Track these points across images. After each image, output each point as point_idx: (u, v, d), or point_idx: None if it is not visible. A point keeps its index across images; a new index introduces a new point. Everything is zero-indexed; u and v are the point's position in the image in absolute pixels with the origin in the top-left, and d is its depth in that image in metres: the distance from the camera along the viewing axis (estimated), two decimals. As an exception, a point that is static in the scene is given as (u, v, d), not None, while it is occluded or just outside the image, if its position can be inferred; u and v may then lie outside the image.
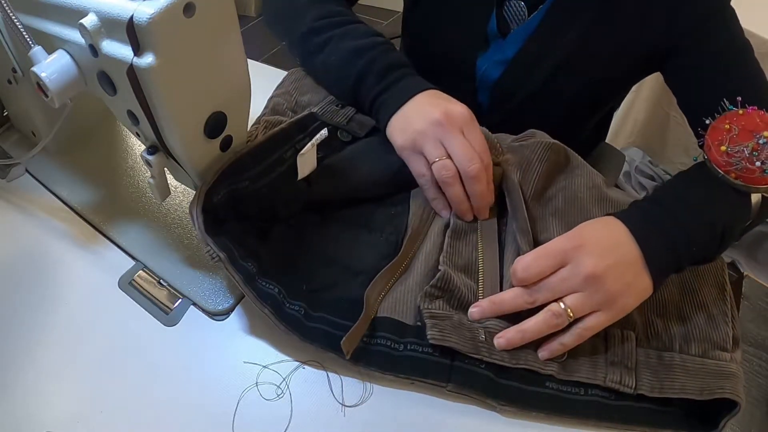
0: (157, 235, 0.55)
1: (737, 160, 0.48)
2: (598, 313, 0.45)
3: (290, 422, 0.43)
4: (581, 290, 0.44)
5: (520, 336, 0.45)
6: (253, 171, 0.49)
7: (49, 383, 0.44)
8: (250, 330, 0.49)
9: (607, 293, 0.44)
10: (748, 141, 0.47)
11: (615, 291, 0.44)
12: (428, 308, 0.46)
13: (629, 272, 0.45)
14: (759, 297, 0.58)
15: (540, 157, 0.56)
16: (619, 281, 0.44)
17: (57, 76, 0.43)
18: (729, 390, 0.43)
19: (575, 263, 0.45)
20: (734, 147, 0.48)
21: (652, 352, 0.47)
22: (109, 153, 0.64)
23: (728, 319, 0.49)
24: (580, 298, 0.44)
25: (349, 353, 0.44)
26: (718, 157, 0.49)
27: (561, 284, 0.45)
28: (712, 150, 0.49)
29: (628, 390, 0.44)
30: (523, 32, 0.67)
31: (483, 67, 0.71)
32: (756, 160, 0.47)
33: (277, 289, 0.46)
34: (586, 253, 0.45)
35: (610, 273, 0.44)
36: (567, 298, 0.44)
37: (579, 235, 0.47)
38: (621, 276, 0.45)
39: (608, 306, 0.44)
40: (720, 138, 0.49)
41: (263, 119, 0.59)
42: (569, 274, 0.45)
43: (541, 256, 0.46)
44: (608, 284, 0.44)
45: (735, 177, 0.48)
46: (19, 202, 0.58)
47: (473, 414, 0.45)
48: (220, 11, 0.39)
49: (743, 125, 0.48)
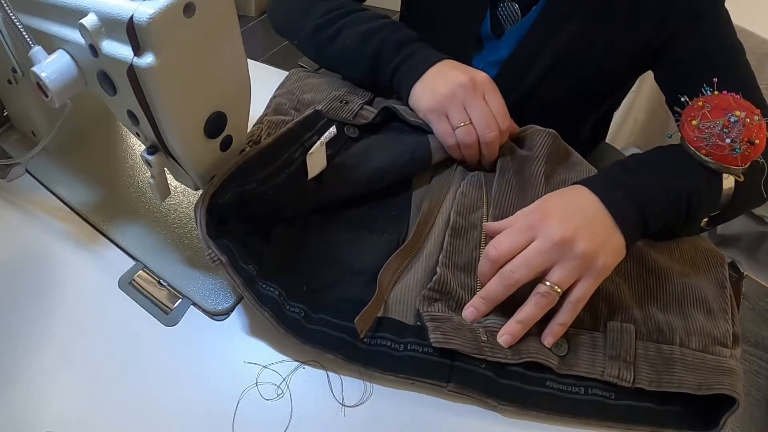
0: (157, 235, 0.55)
1: (708, 136, 0.48)
2: (582, 280, 0.45)
3: (290, 422, 0.43)
4: (557, 260, 0.45)
5: (520, 326, 0.45)
6: (260, 173, 0.49)
7: (49, 383, 0.44)
8: (250, 330, 0.49)
9: (583, 256, 0.44)
10: (720, 118, 0.48)
11: (590, 251, 0.44)
12: (428, 311, 0.46)
13: (599, 231, 0.46)
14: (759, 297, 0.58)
15: (540, 143, 0.57)
16: (592, 241, 0.45)
17: (57, 76, 0.43)
18: (728, 386, 0.43)
19: (544, 233, 0.45)
20: (705, 123, 0.48)
21: (651, 345, 0.47)
22: (109, 153, 0.64)
23: (728, 316, 0.49)
24: (560, 269, 0.45)
25: (363, 332, 0.45)
26: (690, 132, 0.49)
27: (536, 257, 0.45)
28: (685, 126, 0.50)
29: (625, 384, 0.44)
30: (516, 33, 0.67)
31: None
32: (726, 137, 0.47)
33: (277, 291, 0.46)
34: (552, 220, 0.46)
35: (580, 234, 0.45)
36: (549, 275, 0.45)
37: (542, 206, 0.48)
38: (592, 236, 0.45)
39: (588, 269, 0.45)
40: (693, 114, 0.50)
41: (266, 119, 0.59)
42: (541, 245, 0.45)
43: (509, 232, 0.47)
44: (582, 246, 0.44)
45: (705, 153, 0.49)
46: (19, 202, 0.58)
47: (473, 414, 0.45)
48: (220, 11, 0.39)
49: (716, 104, 0.49)
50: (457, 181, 0.57)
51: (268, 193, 0.50)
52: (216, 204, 0.46)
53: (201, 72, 0.40)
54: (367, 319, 0.45)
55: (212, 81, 0.42)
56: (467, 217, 0.53)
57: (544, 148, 0.57)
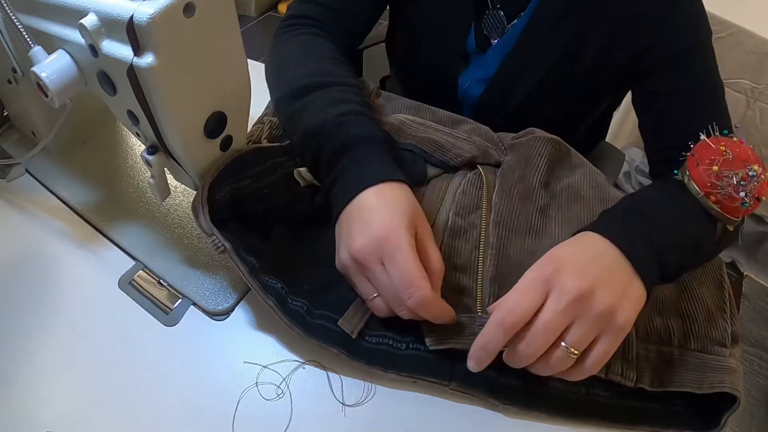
0: (157, 235, 0.55)
1: (724, 185, 0.46)
2: (601, 339, 0.41)
3: (290, 422, 0.43)
4: (575, 318, 0.40)
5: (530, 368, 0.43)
6: (255, 170, 0.49)
7: (49, 383, 0.44)
8: (250, 330, 0.49)
9: (601, 311, 0.40)
10: (740, 169, 0.45)
11: (609, 305, 0.40)
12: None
13: (618, 280, 0.42)
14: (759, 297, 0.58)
15: (539, 152, 0.57)
16: (611, 293, 0.41)
17: (57, 76, 0.43)
18: (728, 384, 0.43)
19: (558, 289, 0.41)
20: (725, 171, 0.46)
21: (651, 347, 0.47)
22: (109, 153, 0.64)
23: (727, 315, 0.49)
24: (578, 330, 0.40)
25: (354, 333, 0.45)
26: (704, 176, 0.46)
27: (553, 321, 0.40)
28: (700, 167, 0.47)
29: (629, 383, 0.44)
30: (501, 48, 0.67)
31: (465, 85, 0.71)
32: (741, 190, 0.45)
33: (280, 284, 0.46)
34: (565, 274, 0.41)
35: (598, 287, 0.40)
36: (566, 336, 0.40)
37: (553, 258, 0.43)
38: (611, 287, 0.41)
39: (607, 325, 0.41)
40: (713, 157, 0.46)
41: (266, 119, 0.59)
42: (556, 304, 0.40)
43: (522, 292, 0.42)
44: (599, 299, 0.40)
45: (714, 201, 0.47)
46: (19, 202, 0.58)
47: (475, 413, 0.45)
48: (220, 11, 0.39)
49: (737, 153, 0.46)
50: (457, 179, 0.57)
51: (264, 191, 0.50)
52: (214, 201, 0.46)
53: (201, 72, 0.40)
54: (353, 320, 0.45)
55: (212, 81, 0.42)
56: (466, 218, 0.53)
57: (545, 158, 0.57)
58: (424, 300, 0.42)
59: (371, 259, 0.43)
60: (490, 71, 0.69)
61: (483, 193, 0.55)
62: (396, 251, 0.43)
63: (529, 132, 0.60)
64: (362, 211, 0.46)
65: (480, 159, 0.58)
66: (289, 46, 0.62)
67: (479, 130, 0.61)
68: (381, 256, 0.43)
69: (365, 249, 0.44)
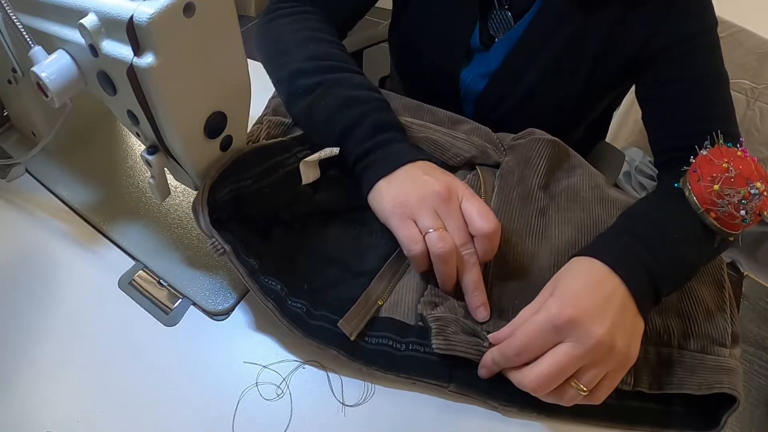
0: (157, 235, 0.55)
1: (724, 204, 0.45)
2: (609, 375, 0.41)
3: (290, 422, 0.43)
4: (591, 363, 0.40)
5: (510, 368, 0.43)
6: (255, 170, 0.49)
7: (49, 383, 0.44)
8: (250, 330, 0.49)
9: (618, 356, 0.41)
10: (742, 187, 0.45)
11: (624, 348, 0.41)
12: (431, 314, 0.46)
13: (628, 321, 0.42)
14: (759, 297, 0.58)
15: (539, 154, 0.57)
16: (626, 336, 0.41)
17: (57, 76, 0.43)
18: (727, 384, 0.43)
19: (576, 337, 0.40)
20: (727, 189, 0.45)
21: (650, 349, 0.47)
22: (109, 153, 0.64)
23: (727, 315, 0.49)
24: (593, 372, 0.40)
25: (353, 335, 0.44)
26: (705, 193, 0.46)
27: (570, 364, 0.40)
28: (701, 183, 0.47)
29: (626, 387, 0.44)
30: (504, 45, 0.67)
31: (467, 80, 0.72)
32: (742, 209, 0.45)
33: (279, 286, 0.46)
34: (583, 323, 0.40)
35: (616, 333, 0.40)
36: (579, 376, 0.40)
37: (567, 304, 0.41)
38: (624, 330, 0.41)
39: (620, 364, 0.42)
40: (715, 175, 0.46)
41: (266, 119, 0.59)
42: (574, 351, 0.40)
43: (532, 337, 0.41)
44: (618, 346, 0.40)
45: (714, 217, 0.46)
46: (19, 202, 0.58)
47: (475, 414, 0.45)
48: (220, 11, 0.39)
49: (741, 169, 0.45)
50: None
51: (264, 191, 0.50)
52: (214, 202, 0.46)
53: (201, 72, 0.40)
54: (353, 321, 0.45)
55: (212, 81, 0.42)
56: None
57: (544, 159, 0.56)
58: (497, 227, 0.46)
59: (454, 195, 0.47)
60: (493, 66, 0.69)
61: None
62: (474, 195, 0.48)
63: (529, 133, 0.60)
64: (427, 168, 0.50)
65: (479, 159, 0.58)
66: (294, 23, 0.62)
67: (479, 131, 0.61)
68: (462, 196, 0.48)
69: (452, 185, 0.48)
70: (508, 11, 0.66)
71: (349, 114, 0.53)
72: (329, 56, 0.58)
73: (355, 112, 0.53)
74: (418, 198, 0.47)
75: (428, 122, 0.61)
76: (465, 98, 0.73)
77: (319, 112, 0.54)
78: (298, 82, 0.56)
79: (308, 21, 0.63)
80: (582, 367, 0.40)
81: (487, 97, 0.71)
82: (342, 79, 0.56)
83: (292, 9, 0.64)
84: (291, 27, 0.62)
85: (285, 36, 0.61)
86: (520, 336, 0.41)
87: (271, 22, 0.64)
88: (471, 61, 0.71)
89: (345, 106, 0.53)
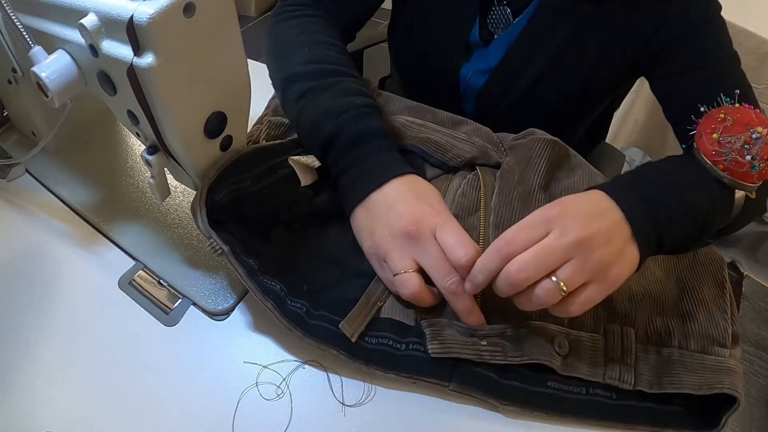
0: (157, 235, 0.55)
1: (727, 151, 0.46)
2: (591, 285, 0.42)
3: (290, 422, 0.43)
4: (570, 258, 0.41)
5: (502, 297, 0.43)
6: (254, 171, 0.49)
7: (48, 383, 0.44)
8: (250, 330, 0.49)
9: (598, 260, 0.41)
10: (741, 133, 0.45)
11: (605, 257, 0.41)
12: (426, 317, 0.46)
13: (617, 239, 0.43)
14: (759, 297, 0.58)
15: (539, 154, 0.57)
16: (608, 247, 0.42)
17: (57, 76, 0.43)
18: (728, 385, 0.43)
19: (560, 229, 0.42)
20: (726, 137, 0.46)
21: (651, 348, 0.47)
22: (109, 153, 0.64)
23: (727, 316, 0.49)
24: (571, 267, 0.41)
25: (354, 336, 0.44)
26: (708, 145, 0.47)
27: (549, 255, 0.41)
28: (703, 138, 0.48)
29: (627, 386, 0.44)
30: (504, 41, 0.67)
31: (467, 76, 0.71)
32: (747, 153, 0.45)
33: (279, 286, 0.46)
34: (570, 218, 0.42)
35: (598, 237, 0.42)
36: (559, 272, 0.41)
37: (560, 203, 0.44)
38: (609, 242, 0.42)
39: (601, 275, 0.42)
40: (713, 126, 0.47)
41: (266, 119, 0.59)
42: (555, 242, 0.41)
43: (523, 228, 0.43)
44: (598, 249, 0.41)
45: (723, 168, 0.47)
46: (19, 202, 0.58)
47: (475, 414, 0.45)
48: (220, 11, 0.39)
49: (738, 117, 0.46)
50: (456, 181, 0.57)
51: (263, 192, 0.50)
52: (213, 203, 0.46)
53: (201, 72, 0.40)
54: (354, 323, 0.45)
55: (212, 81, 0.42)
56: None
57: (544, 159, 0.56)
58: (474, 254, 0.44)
59: (424, 229, 0.46)
60: (493, 62, 0.69)
61: (480, 195, 0.55)
62: (449, 220, 0.46)
63: (529, 133, 0.60)
64: (404, 187, 0.49)
65: (479, 160, 0.58)
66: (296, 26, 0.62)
67: (479, 131, 0.61)
68: (434, 226, 0.46)
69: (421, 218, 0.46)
70: (507, 7, 0.66)
71: (326, 127, 0.52)
72: (324, 59, 0.57)
73: (333, 124, 0.51)
74: (389, 237, 0.47)
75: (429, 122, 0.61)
76: (465, 95, 0.73)
77: (304, 123, 0.54)
78: (290, 88, 0.56)
79: (311, 24, 0.63)
80: (562, 265, 0.41)
81: (488, 93, 0.71)
82: (330, 86, 0.54)
83: (297, 12, 0.64)
84: (292, 30, 0.62)
85: (285, 39, 0.61)
86: (513, 228, 0.43)
87: (276, 24, 0.64)
88: (471, 57, 0.71)
89: (326, 117, 0.52)
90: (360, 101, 0.53)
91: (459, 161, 0.57)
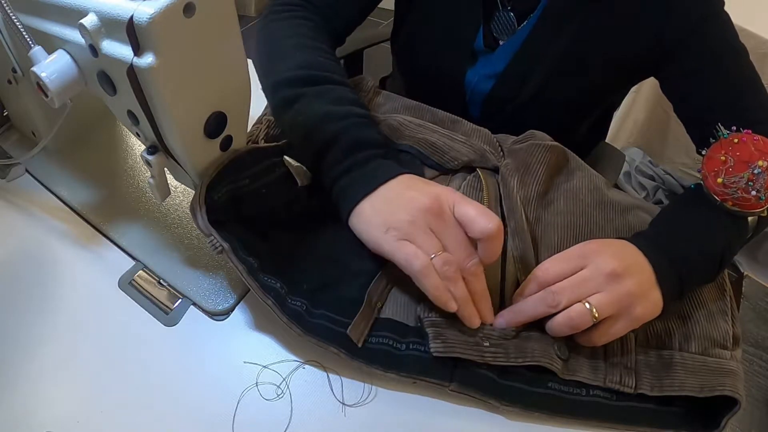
0: (157, 235, 0.55)
1: (733, 191, 0.49)
2: (617, 318, 0.45)
3: (290, 422, 0.43)
4: (603, 289, 0.44)
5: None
6: (252, 170, 0.49)
7: (49, 383, 0.44)
8: (250, 330, 0.48)
9: (628, 293, 0.44)
10: (744, 172, 0.48)
11: (635, 293, 0.44)
12: (428, 317, 0.46)
13: (645, 281, 0.46)
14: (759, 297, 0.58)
15: (539, 160, 0.56)
16: (638, 285, 0.45)
17: (57, 76, 0.43)
18: (729, 387, 0.43)
19: (595, 263, 0.45)
20: (730, 178, 0.49)
21: (651, 351, 0.47)
22: (109, 153, 0.64)
23: (728, 317, 0.49)
24: (604, 297, 0.44)
25: (360, 341, 0.44)
26: (715, 187, 0.50)
27: (583, 284, 0.45)
28: (709, 179, 0.50)
29: (628, 390, 0.44)
30: (511, 46, 0.67)
31: (473, 81, 0.71)
32: (752, 189, 0.48)
33: (279, 284, 0.46)
34: (605, 255, 0.46)
35: (629, 274, 0.45)
36: (591, 298, 0.44)
37: (597, 242, 0.48)
38: (638, 281, 0.45)
39: (627, 311, 0.44)
40: (716, 169, 0.50)
41: (266, 119, 0.59)
42: (590, 274, 0.45)
43: (558, 260, 0.47)
44: (629, 284, 0.44)
45: (732, 204, 0.49)
46: (19, 202, 0.58)
47: (475, 414, 0.45)
48: (220, 11, 0.39)
49: (738, 156, 0.49)
50: (456, 182, 0.57)
51: (261, 191, 0.50)
52: (212, 202, 0.46)
53: (201, 72, 0.40)
54: (359, 327, 0.45)
55: (212, 81, 0.42)
56: None
57: (544, 165, 0.56)
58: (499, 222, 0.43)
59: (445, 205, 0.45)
60: (500, 67, 0.69)
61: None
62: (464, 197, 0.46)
63: (529, 136, 0.60)
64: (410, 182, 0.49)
65: (477, 163, 0.58)
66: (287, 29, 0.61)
67: (478, 132, 0.61)
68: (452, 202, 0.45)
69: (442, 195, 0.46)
70: (511, 12, 0.66)
71: (326, 130, 0.51)
72: (314, 65, 0.56)
73: (334, 127, 0.51)
74: (410, 218, 0.45)
75: (428, 122, 0.61)
76: (472, 99, 0.73)
77: (298, 128, 0.53)
78: (280, 94, 0.55)
79: (300, 27, 0.62)
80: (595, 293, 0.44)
81: (495, 98, 0.71)
82: (325, 92, 0.54)
83: (288, 14, 0.64)
84: (282, 33, 0.61)
85: (274, 42, 0.61)
86: (548, 260, 0.47)
87: (266, 26, 0.63)
88: (476, 62, 0.71)
89: (323, 121, 0.51)
90: (358, 111, 0.53)
91: (456, 164, 0.57)
